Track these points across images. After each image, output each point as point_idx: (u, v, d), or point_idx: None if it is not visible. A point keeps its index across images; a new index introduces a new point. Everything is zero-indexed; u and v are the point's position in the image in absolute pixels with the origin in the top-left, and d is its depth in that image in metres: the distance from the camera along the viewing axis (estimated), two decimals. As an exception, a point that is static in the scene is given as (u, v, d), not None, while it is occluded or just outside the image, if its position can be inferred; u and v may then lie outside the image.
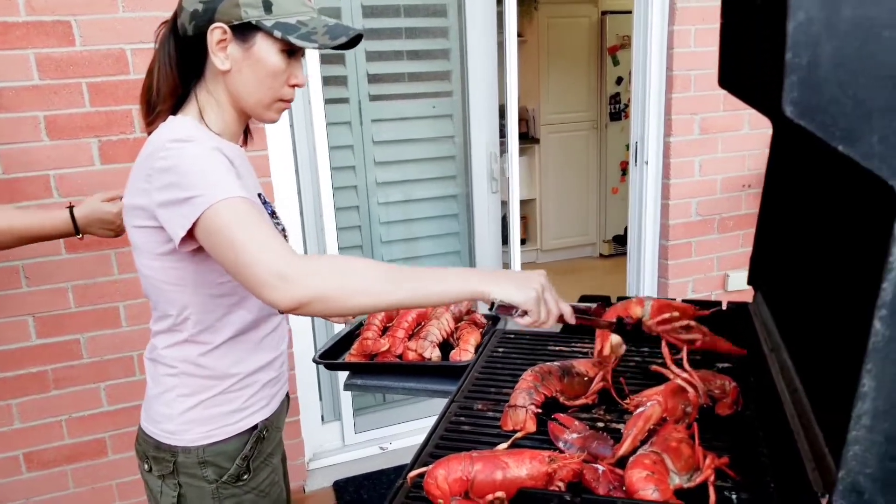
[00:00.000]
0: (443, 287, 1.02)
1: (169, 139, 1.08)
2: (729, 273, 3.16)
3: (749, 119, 3.01)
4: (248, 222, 1.00)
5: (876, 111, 0.62)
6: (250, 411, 1.25)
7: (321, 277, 0.98)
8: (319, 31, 1.12)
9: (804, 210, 1.18)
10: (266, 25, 1.10)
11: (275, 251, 0.98)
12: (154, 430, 1.23)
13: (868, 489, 0.68)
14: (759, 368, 1.14)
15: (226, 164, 1.07)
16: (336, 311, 1.01)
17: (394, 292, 1.00)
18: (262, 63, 1.12)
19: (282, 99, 1.18)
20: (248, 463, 1.24)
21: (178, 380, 1.20)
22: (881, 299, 0.64)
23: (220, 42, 1.11)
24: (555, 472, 0.90)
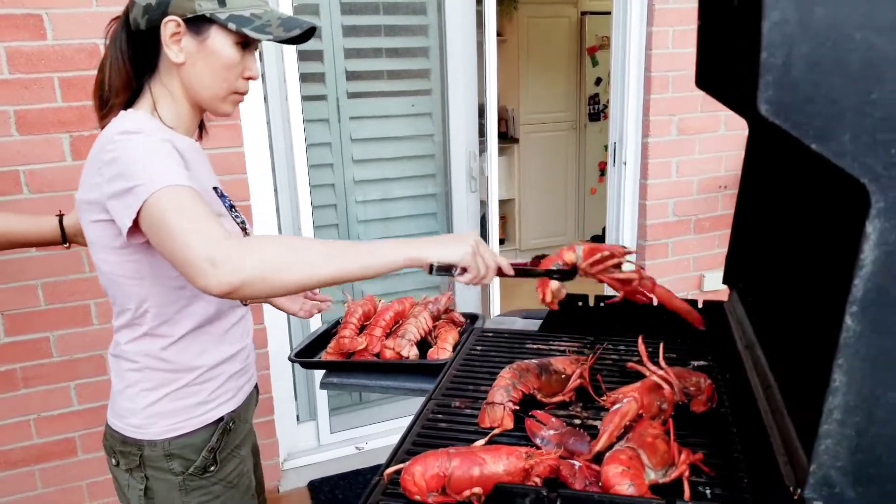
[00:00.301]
0: (378, 257, 1.02)
1: (117, 132, 1.08)
2: (705, 274, 3.19)
3: (726, 120, 3.05)
4: (185, 209, 0.99)
5: (848, 110, 0.63)
6: (216, 403, 1.25)
7: (251, 259, 0.95)
8: (273, 23, 1.14)
9: (779, 210, 1.20)
10: (220, 18, 1.11)
11: (205, 235, 0.96)
12: (120, 425, 1.23)
13: (839, 482, 0.70)
14: (734, 365, 1.15)
15: (171, 153, 1.07)
16: (272, 291, 1.00)
17: (328, 265, 0.99)
18: (216, 55, 1.14)
19: (237, 91, 1.19)
20: (215, 455, 1.25)
21: (142, 374, 1.20)
22: (852, 296, 0.65)
23: (173, 35, 1.11)
24: (532, 467, 0.90)
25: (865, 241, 0.64)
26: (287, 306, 1.59)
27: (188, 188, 1.02)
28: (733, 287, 1.37)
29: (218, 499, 1.26)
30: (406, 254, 1.03)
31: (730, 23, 1.17)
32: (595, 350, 1.33)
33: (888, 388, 0.67)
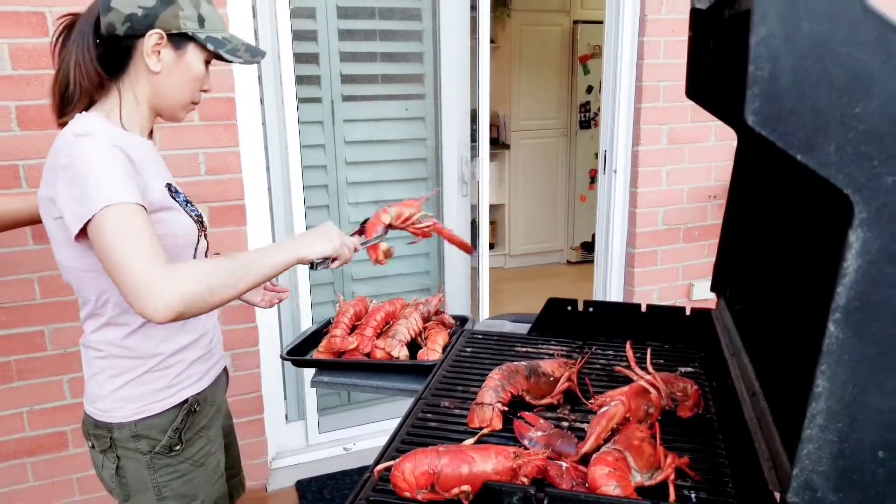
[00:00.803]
0: (273, 261, 1.20)
1: (72, 134, 1.15)
2: (694, 282, 3.22)
3: (715, 131, 3.08)
4: (129, 233, 1.08)
5: (832, 122, 0.65)
6: (179, 387, 1.33)
7: (187, 288, 1.07)
8: (241, 48, 1.30)
9: (766, 219, 1.22)
10: (200, 38, 1.24)
11: (147, 269, 1.06)
12: (91, 410, 1.32)
13: (821, 487, 0.71)
14: (721, 372, 1.17)
15: (121, 164, 1.14)
16: (203, 312, 1.13)
17: (243, 279, 1.15)
18: (189, 69, 1.26)
19: (194, 101, 1.32)
20: (180, 434, 1.33)
21: (107, 362, 1.28)
22: (835, 303, 0.67)
23: (155, 46, 1.21)
24: (520, 467, 0.92)
25: (848, 249, 0.66)
26: (250, 298, 1.64)
27: (133, 206, 1.10)
28: (721, 294, 1.39)
29: (184, 476, 1.34)
30: (294, 254, 1.23)
31: (720, 35, 1.20)
32: (583, 354, 1.35)
33: (869, 394, 0.69)
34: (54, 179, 1.15)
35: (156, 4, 1.20)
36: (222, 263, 1.15)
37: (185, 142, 2.27)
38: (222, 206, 2.38)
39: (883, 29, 0.62)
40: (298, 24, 2.64)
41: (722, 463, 1.00)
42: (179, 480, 1.33)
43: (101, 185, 1.09)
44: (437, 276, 3.14)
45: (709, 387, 1.22)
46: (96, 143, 1.13)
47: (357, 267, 2.97)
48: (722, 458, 1.01)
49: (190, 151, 2.29)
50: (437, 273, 3.15)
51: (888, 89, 0.63)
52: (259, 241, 2.55)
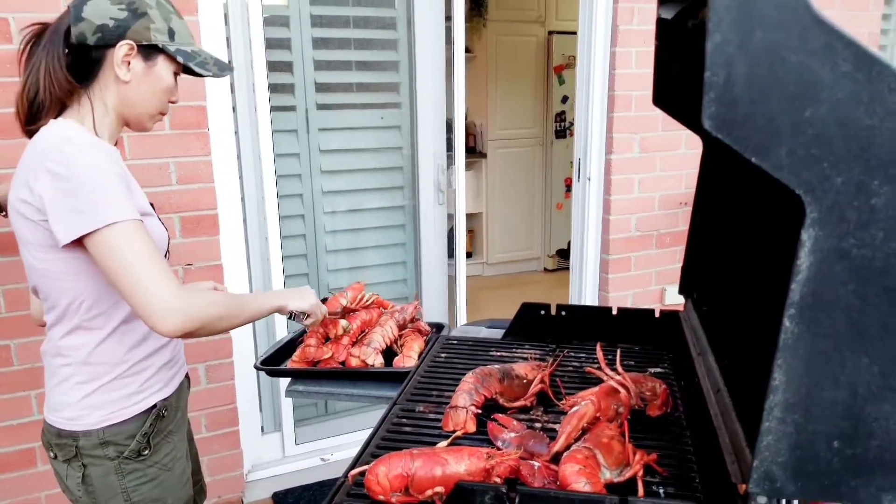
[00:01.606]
0: (260, 305, 1.36)
1: (61, 140, 1.17)
2: (666, 287, 3.27)
3: (686, 140, 3.13)
4: (141, 250, 1.14)
5: (784, 126, 0.68)
6: (147, 393, 1.34)
7: (200, 313, 1.17)
8: (210, 62, 1.33)
9: (729, 223, 1.26)
10: (170, 50, 1.27)
11: (167, 287, 1.14)
12: (54, 419, 1.30)
13: (780, 477, 0.74)
14: (688, 372, 1.20)
15: (122, 177, 1.18)
16: (209, 334, 1.22)
17: (240, 314, 1.29)
18: (159, 80, 1.29)
19: (162, 112, 1.35)
20: (148, 439, 1.33)
21: (74, 369, 1.28)
22: (790, 300, 0.70)
23: (126, 56, 1.24)
24: (492, 467, 0.93)
25: (801, 248, 0.69)
26: None
27: (138, 223, 1.16)
28: (688, 297, 1.42)
29: (153, 480, 1.34)
30: (277, 303, 1.41)
31: (684, 44, 1.23)
32: (556, 357, 1.37)
33: (823, 386, 0.72)
34: (35, 184, 1.15)
35: (127, 16, 1.23)
36: (223, 296, 1.28)
37: (156, 151, 2.26)
38: (194, 216, 2.37)
39: (831, 38, 0.65)
40: (272, 32, 2.65)
41: (689, 458, 1.03)
42: (149, 485, 1.34)
43: (104, 201, 1.13)
44: (415, 285, 3.16)
45: (677, 386, 1.25)
46: (94, 153, 1.16)
47: (332, 277, 2.97)
48: (689, 454, 1.04)
49: (161, 160, 2.28)
50: (413, 281, 3.16)
51: (835, 95, 0.66)
52: (232, 250, 2.54)
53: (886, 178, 0.66)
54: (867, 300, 0.69)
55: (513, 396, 1.20)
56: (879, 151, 0.65)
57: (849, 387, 0.71)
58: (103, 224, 1.12)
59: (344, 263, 3.00)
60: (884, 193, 0.66)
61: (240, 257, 2.59)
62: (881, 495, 0.73)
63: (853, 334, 0.70)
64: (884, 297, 0.68)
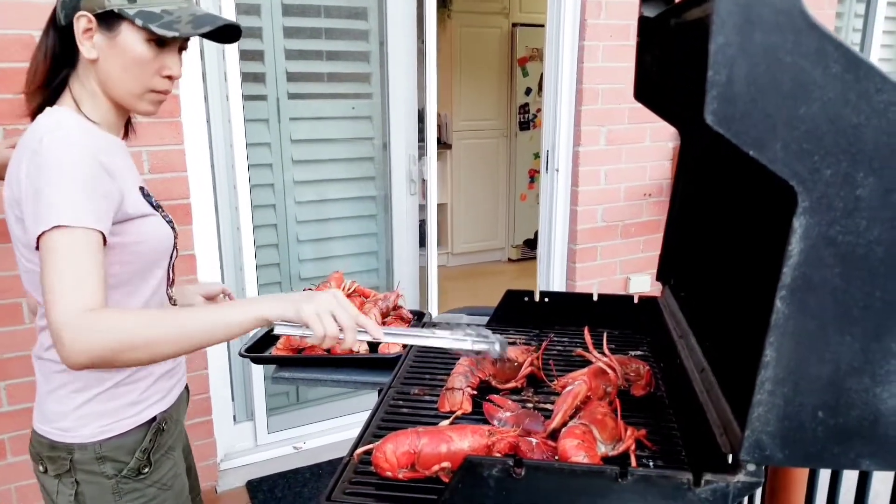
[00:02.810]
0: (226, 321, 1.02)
1: (44, 128, 1.08)
2: (631, 276, 3.36)
3: (650, 132, 3.23)
4: (68, 261, 0.99)
5: (779, 123, 0.73)
6: (147, 403, 1.24)
7: (99, 339, 0.96)
8: (184, 19, 1.13)
9: (708, 212, 1.32)
10: (128, 14, 1.09)
11: (66, 304, 0.97)
12: (47, 429, 1.20)
13: (769, 445, 0.80)
14: (669, 353, 1.26)
15: (90, 175, 1.05)
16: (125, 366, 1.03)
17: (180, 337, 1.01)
18: (127, 52, 1.12)
19: (154, 90, 1.17)
20: (149, 456, 1.23)
21: (70, 375, 1.17)
22: (781, 282, 0.76)
23: (86, 31, 1.11)
24: (493, 444, 0.98)
25: (793, 234, 0.74)
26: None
27: (85, 231, 1.01)
28: (666, 283, 1.49)
29: (153, 501, 1.24)
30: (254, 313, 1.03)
31: (666, 42, 1.29)
32: (542, 341, 1.42)
33: (810, 362, 0.78)
34: (21, 179, 1.07)
35: None
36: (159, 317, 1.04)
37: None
38: (167, 205, 2.30)
39: (823, 41, 0.70)
40: (243, 20, 2.64)
41: (674, 435, 1.09)
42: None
43: (58, 202, 1.01)
44: (386, 275, 3.18)
45: (657, 367, 1.31)
46: (68, 147, 1.06)
47: (304, 266, 2.98)
48: (674, 431, 1.10)
49: (133, 149, 2.22)
50: (385, 271, 3.19)
51: (826, 94, 0.72)
52: (205, 240, 2.53)
53: (870, 171, 0.72)
54: (851, 283, 0.75)
55: (504, 378, 1.24)
56: (865, 147, 0.72)
57: (833, 362, 0.77)
58: (49, 225, 0.99)
59: (315, 253, 3.01)
60: (868, 185, 0.72)
61: (212, 247, 2.58)
62: (860, 460, 0.80)
63: (838, 314, 0.76)
64: (866, 280, 0.75)
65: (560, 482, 0.87)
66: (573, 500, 0.87)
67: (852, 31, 4.01)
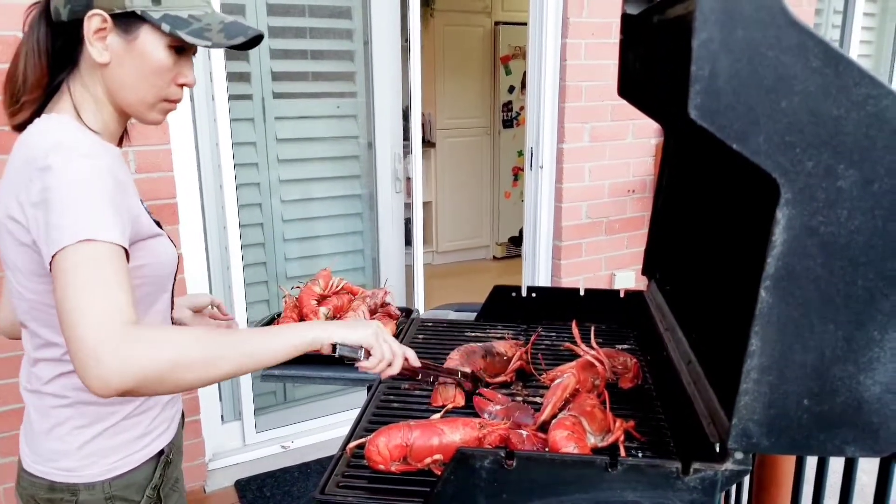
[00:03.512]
0: (280, 341, 0.96)
1: (52, 145, 0.96)
2: (615, 272, 3.39)
3: (633, 129, 3.25)
4: (96, 274, 0.88)
5: (762, 116, 0.75)
6: (154, 435, 1.15)
7: (134, 363, 0.84)
8: (214, 27, 1.03)
9: (692, 207, 1.34)
10: (153, 17, 0.99)
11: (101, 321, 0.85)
12: (46, 470, 1.09)
13: (756, 433, 0.82)
14: (656, 346, 1.28)
15: (109, 189, 0.95)
16: (170, 391, 0.91)
17: (229, 359, 0.92)
18: (146, 58, 1.02)
19: (167, 99, 1.07)
20: (159, 492, 1.16)
21: (73, 410, 1.07)
22: (766, 272, 0.78)
23: (98, 31, 1.00)
24: (484, 437, 0.99)
25: (776, 225, 0.76)
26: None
27: (110, 246, 0.91)
28: (651, 278, 1.51)
29: None
30: (312, 336, 0.98)
31: (650, 39, 1.31)
32: (531, 336, 1.43)
33: (794, 351, 0.80)
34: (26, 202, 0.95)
35: None
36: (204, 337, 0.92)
37: (116, 139, 2.22)
38: (154, 205, 2.33)
39: (803, 37, 0.72)
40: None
41: (662, 426, 1.11)
42: None
43: (80, 216, 0.90)
44: (372, 273, 3.19)
45: (644, 360, 1.33)
46: (81, 160, 0.95)
47: (290, 265, 2.98)
48: (662, 422, 1.12)
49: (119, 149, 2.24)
50: (371, 270, 3.19)
51: (807, 88, 0.73)
52: (192, 240, 2.52)
53: (851, 163, 0.74)
54: (833, 272, 0.77)
55: (494, 372, 1.26)
56: (845, 139, 0.73)
57: (817, 350, 0.79)
58: (66, 243, 0.88)
59: (301, 252, 3.01)
60: (849, 176, 0.74)
61: (199, 246, 2.57)
62: (845, 447, 0.82)
63: (821, 303, 0.78)
64: (848, 269, 0.77)
65: (551, 472, 0.88)
66: (564, 490, 0.89)
67: (831, 27, 4.07)
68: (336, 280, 1.88)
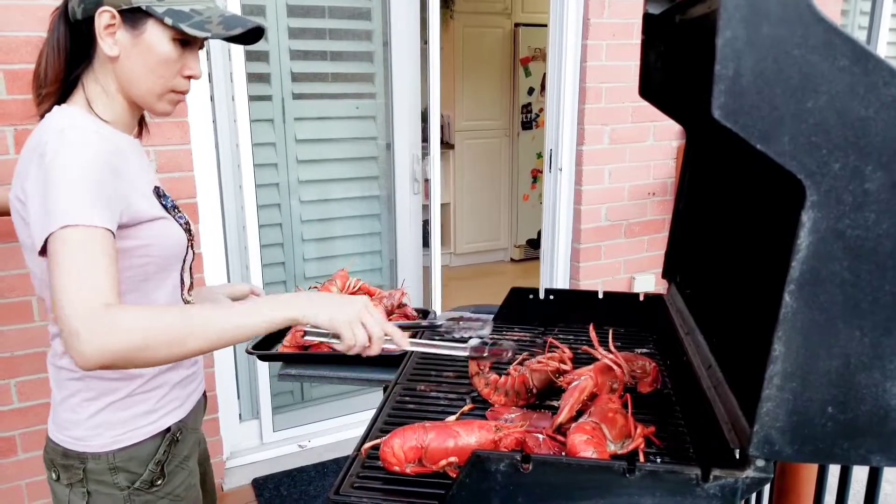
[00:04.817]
0: (254, 319, 0.99)
1: (53, 131, 1.03)
2: (635, 276, 3.36)
3: (654, 131, 3.22)
4: (79, 258, 0.95)
5: (787, 116, 0.73)
6: (162, 413, 1.21)
7: (116, 336, 0.91)
8: (214, 20, 1.10)
9: (713, 208, 1.32)
10: (157, 12, 1.07)
11: (80, 303, 0.92)
12: (61, 437, 1.17)
13: (778, 441, 0.80)
14: (676, 350, 1.26)
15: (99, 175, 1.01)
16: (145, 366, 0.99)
17: (204, 333, 0.97)
18: (152, 51, 1.09)
19: (175, 90, 1.14)
20: (162, 467, 1.20)
21: (83, 383, 1.14)
22: (790, 276, 0.76)
23: (108, 27, 1.07)
24: (500, 440, 0.98)
25: (801, 228, 0.74)
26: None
27: (96, 230, 0.97)
28: (671, 281, 1.49)
29: None
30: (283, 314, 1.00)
31: (671, 38, 1.29)
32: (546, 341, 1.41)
33: (819, 357, 0.78)
34: (27, 181, 1.03)
35: None
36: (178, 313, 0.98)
37: (137, 139, 2.24)
38: (174, 204, 2.36)
39: (830, 34, 0.70)
40: (250, 22, 2.64)
41: (682, 431, 1.09)
42: None
43: (64, 202, 0.97)
44: (389, 274, 3.19)
45: (664, 364, 1.31)
46: (74, 148, 1.01)
47: (308, 266, 2.98)
48: (681, 427, 1.10)
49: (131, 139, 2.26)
50: (388, 271, 3.19)
51: (834, 87, 0.72)
52: (211, 240, 2.54)
53: (879, 165, 0.72)
54: (860, 277, 0.75)
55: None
56: (873, 140, 0.72)
57: (842, 357, 0.77)
58: (56, 227, 0.95)
59: (320, 252, 3.02)
60: (876, 179, 0.72)
61: (218, 246, 2.59)
62: (870, 456, 0.80)
63: (847, 308, 0.76)
64: (875, 273, 0.75)
65: (567, 477, 0.87)
66: (580, 495, 0.88)
67: (858, 28, 4.00)
68: (353, 281, 1.87)
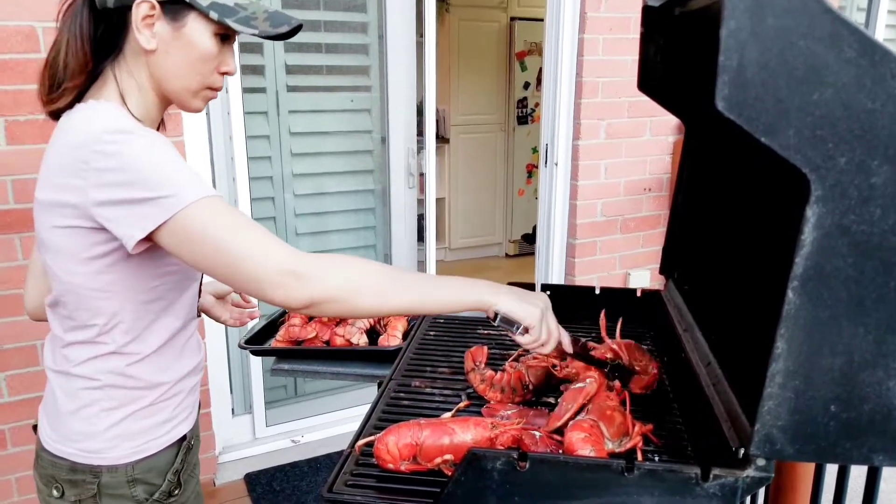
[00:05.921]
0: (449, 292, 1.00)
1: (106, 129, 0.96)
2: (630, 271, 3.35)
3: (651, 126, 3.21)
4: (233, 222, 0.95)
5: (792, 108, 0.72)
6: (178, 421, 1.17)
7: (335, 277, 0.95)
8: (259, 16, 1.05)
9: (712, 203, 1.31)
10: (201, 5, 1.01)
11: (278, 249, 0.94)
12: (69, 451, 1.10)
13: (780, 440, 0.79)
14: (674, 347, 1.25)
15: (181, 159, 0.99)
16: (343, 313, 1.01)
17: (402, 295, 0.98)
18: (193, 46, 1.03)
19: (210, 87, 1.09)
20: (179, 477, 1.17)
21: (103, 392, 1.08)
22: (793, 272, 0.74)
23: (146, 18, 1.01)
24: (496, 437, 0.96)
25: (805, 224, 0.73)
26: (217, 313, 1.47)
27: (219, 198, 0.97)
28: (669, 277, 1.47)
29: None
30: (478, 296, 1.00)
31: (670, 31, 1.27)
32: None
33: (822, 354, 0.76)
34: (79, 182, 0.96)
35: None
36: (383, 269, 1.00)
37: (130, 130, 2.22)
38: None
39: (837, 25, 0.69)
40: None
41: (679, 430, 1.08)
42: None
43: (174, 183, 0.94)
44: (384, 268, 3.17)
45: (660, 361, 1.30)
46: (142, 135, 0.97)
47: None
48: (679, 426, 1.09)
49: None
50: (383, 265, 3.17)
51: (840, 79, 0.70)
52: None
53: (885, 159, 0.71)
54: (864, 273, 0.74)
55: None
56: (880, 133, 0.70)
57: (845, 355, 0.76)
58: (178, 208, 0.93)
59: (314, 246, 3.00)
60: (883, 173, 0.71)
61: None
62: (873, 456, 0.78)
63: (851, 305, 0.74)
64: (880, 270, 0.73)
65: (564, 475, 0.85)
66: (578, 494, 0.86)
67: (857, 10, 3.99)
68: None
